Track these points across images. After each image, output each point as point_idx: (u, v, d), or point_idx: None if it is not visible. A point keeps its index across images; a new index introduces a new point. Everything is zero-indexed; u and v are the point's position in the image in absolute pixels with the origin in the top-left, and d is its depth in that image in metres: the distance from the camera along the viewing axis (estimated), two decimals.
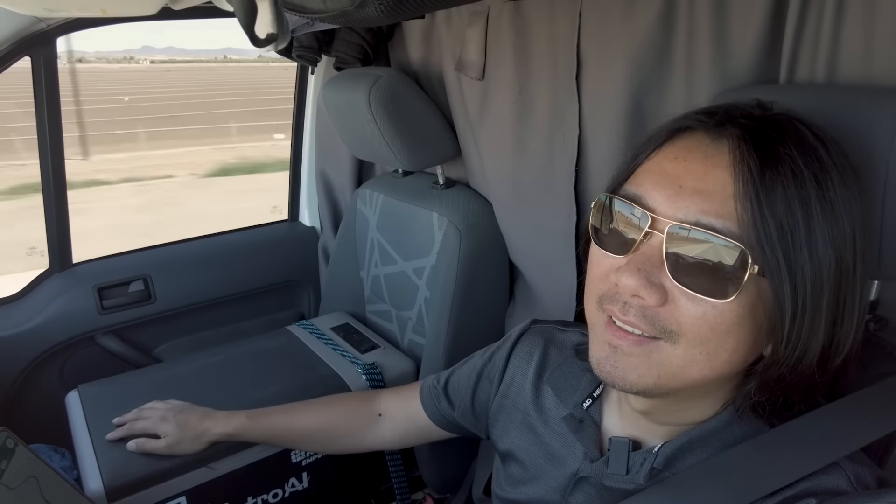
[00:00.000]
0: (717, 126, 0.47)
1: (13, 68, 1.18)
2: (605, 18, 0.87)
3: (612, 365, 0.48)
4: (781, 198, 0.43)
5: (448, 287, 1.16)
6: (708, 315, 0.44)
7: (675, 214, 0.45)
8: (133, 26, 1.34)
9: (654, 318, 0.46)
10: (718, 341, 0.45)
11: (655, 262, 0.45)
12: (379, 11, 0.47)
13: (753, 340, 0.46)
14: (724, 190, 0.44)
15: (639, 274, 0.45)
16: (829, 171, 0.44)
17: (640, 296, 0.45)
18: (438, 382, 0.83)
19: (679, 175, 0.46)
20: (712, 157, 0.46)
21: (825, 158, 0.45)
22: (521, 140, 1.06)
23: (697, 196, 0.45)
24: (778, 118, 0.47)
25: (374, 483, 1.25)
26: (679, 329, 0.45)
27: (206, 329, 1.60)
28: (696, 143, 0.47)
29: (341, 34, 1.31)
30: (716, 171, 0.45)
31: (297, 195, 1.79)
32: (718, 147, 0.46)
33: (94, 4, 0.59)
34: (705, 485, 0.49)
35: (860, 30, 0.61)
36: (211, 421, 0.92)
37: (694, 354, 0.46)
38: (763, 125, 0.46)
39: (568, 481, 0.61)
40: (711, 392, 0.51)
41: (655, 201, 0.46)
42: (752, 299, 0.44)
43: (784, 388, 0.48)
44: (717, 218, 0.44)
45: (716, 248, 0.43)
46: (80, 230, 1.48)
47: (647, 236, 0.46)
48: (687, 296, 0.45)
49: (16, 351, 1.32)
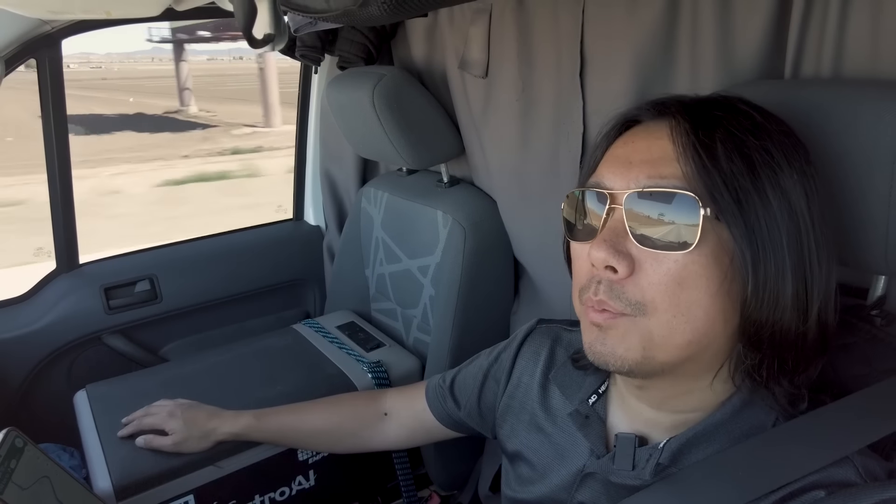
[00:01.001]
0: (658, 110, 0.53)
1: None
2: (608, 15, 0.86)
3: (602, 343, 0.50)
4: (721, 150, 0.47)
5: (453, 285, 1.16)
6: (672, 270, 0.47)
7: (628, 185, 0.49)
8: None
9: (620, 292, 0.48)
10: (689, 297, 0.47)
11: (620, 232, 0.49)
12: (382, 10, 0.47)
13: (726, 292, 0.48)
14: (666, 155, 0.49)
15: (605, 244, 0.48)
16: (764, 128, 0.49)
17: (611, 265, 0.48)
18: (444, 382, 0.83)
19: (628, 154, 0.51)
20: (654, 132, 0.51)
21: (759, 120, 0.49)
22: (526, 137, 1.06)
23: (645, 165, 0.49)
24: (713, 97, 0.53)
25: (381, 480, 1.25)
26: (643, 298, 0.48)
27: (213, 328, 1.61)
28: (642, 128, 0.53)
29: (344, 33, 1.31)
30: (658, 143, 0.50)
31: (301, 194, 1.79)
32: (659, 125, 0.51)
33: (99, 6, 0.60)
34: (711, 480, 0.49)
35: (866, 24, 0.61)
36: (218, 420, 0.93)
37: (668, 319, 0.48)
38: (698, 102, 0.52)
39: (574, 478, 0.61)
40: (706, 367, 0.52)
41: (611, 181, 0.51)
42: (713, 248, 0.47)
43: (772, 346, 0.49)
44: (663, 178, 0.48)
45: (669, 205, 0.47)
46: None
47: (610, 213, 0.50)
48: (651, 257, 0.48)
49: (24, 351, 1.33)
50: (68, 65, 3.58)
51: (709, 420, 0.53)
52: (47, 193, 1.34)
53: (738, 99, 0.51)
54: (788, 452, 0.48)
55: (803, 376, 0.51)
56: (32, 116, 1.32)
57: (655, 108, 0.53)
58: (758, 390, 0.52)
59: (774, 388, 0.50)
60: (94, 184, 7.48)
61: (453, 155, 1.27)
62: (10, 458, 0.69)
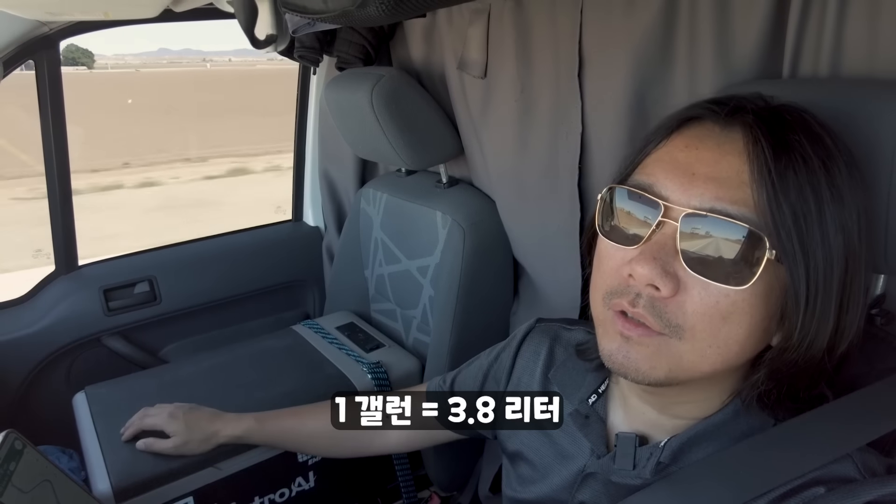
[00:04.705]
0: (728, 115, 0.47)
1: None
2: (606, 15, 0.86)
3: (625, 356, 0.48)
4: (794, 183, 0.43)
5: (452, 285, 1.16)
6: (721, 304, 0.44)
7: (689, 202, 0.45)
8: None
9: (661, 311, 0.45)
10: (729, 331, 0.45)
11: (669, 250, 0.45)
12: (380, 11, 0.47)
13: (764, 329, 0.46)
14: (738, 176, 0.44)
15: (654, 262, 0.44)
16: (834, 157, 0.45)
17: (654, 285, 0.45)
18: (444, 384, 0.83)
19: (691, 163, 0.46)
20: (724, 145, 0.46)
21: (831, 146, 0.46)
22: (524, 138, 1.06)
23: (711, 183, 0.44)
24: (785, 107, 0.48)
25: (381, 482, 1.25)
26: (684, 323, 0.45)
27: (212, 329, 1.60)
28: (707, 132, 0.47)
29: (343, 34, 1.31)
30: (729, 158, 0.45)
31: (300, 195, 1.79)
32: (730, 135, 0.46)
33: (97, 7, 0.60)
34: (712, 479, 0.49)
35: (864, 23, 0.61)
36: (220, 422, 0.92)
37: (703, 349, 0.46)
38: (772, 114, 0.47)
39: (575, 478, 0.61)
40: (719, 383, 0.52)
41: (668, 189, 0.46)
42: (766, 287, 0.44)
43: (791, 376, 0.48)
44: (731, 204, 0.44)
45: (732, 234, 0.43)
46: None
47: (661, 225, 0.46)
48: (701, 284, 0.44)
49: (23, 353, 1.33)
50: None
51: (710, 420, 0.53)
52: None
53: (810, 115, 0.47)
54: (789, 450, 0.48)
55: (807, 395, 0.50)
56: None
57: (724, 111, 0.48)
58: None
59: (778, 410, 0.50)
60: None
61: (452, 155, 1.27)
62: (10, 460, 0.69)
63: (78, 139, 6.92)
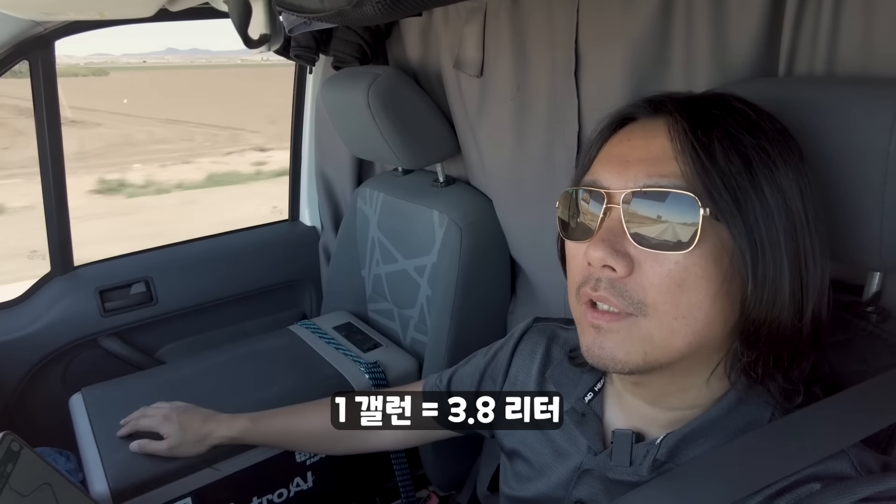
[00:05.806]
0: (654, 108, 0.52)
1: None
2: (602, 14, 0.87)
3: (600, 347, 0.50)
4: (719, 149, 0.47)
5: (450, 284, 1.16)
6: (673, 272, 0.47)
7: (626, 184, 0.49)
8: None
9: (622, 290, 0.48)
10: (689, 299, 0.47)
11: (618, 232, 0.49)
12: (376, 10, 0.47)
13: (726, 293, 0.48)
14: (665, 153, 0.49)
15: (604, 244, 0.48)
16: (759, 126, 0.49)
17: (609, 265, 0.48)
18: (441, 382, 0.83)
19: (625, 153, 0.51)
20: (651, 131, 0.51)
21: (754, 117, 0.49)
22: (521, 136, 1.06)
23: (643, 164, 0.49)
24: (708, 94, 0.53)
25: (379, 481, 1.25)
26: (646, 298, 0.48)
27: (209, 330, 1.60)
28: (639, 126, 0.53)
29: (339, 33, 1.31)
30: (655, 141, 0.50)
31: (297, 195, 1.79)
32: (656, 122, 0.51)
33: (92, 7, 0.59)
34: (708, 475, 0.49)
35: (859, 21, 0.61)
36: (214, 424, 0.92)
37: (669, 321, 0.48)
38: (692, 100, 0.52)
39: (572, 475, 0.61)
40: (702, 364, 0.52)
41: (608, 180, 0.51)
42: (713, 248, 0.47)
43: (769, 343, 0.49)
44: (662, 177, 0.48)
45: (668, 204, 0.47)
46: None
47: (608, 212, 0.50)
48: (651, 257, 0.48)
49: (19, 355, 1.32)
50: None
51: (705, 416, 0.53)
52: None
53: (732, 96, 0.51)
54: (785, 447, 0.48)
55: (797, 371, 0.51)
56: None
57: (651, 106, 0.53)
58: (753, 387, 0.52)
59: (769, 383, 0.51)
60: None
61: (449, 154, 1.27)
62: (6, 462, 0.69)
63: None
